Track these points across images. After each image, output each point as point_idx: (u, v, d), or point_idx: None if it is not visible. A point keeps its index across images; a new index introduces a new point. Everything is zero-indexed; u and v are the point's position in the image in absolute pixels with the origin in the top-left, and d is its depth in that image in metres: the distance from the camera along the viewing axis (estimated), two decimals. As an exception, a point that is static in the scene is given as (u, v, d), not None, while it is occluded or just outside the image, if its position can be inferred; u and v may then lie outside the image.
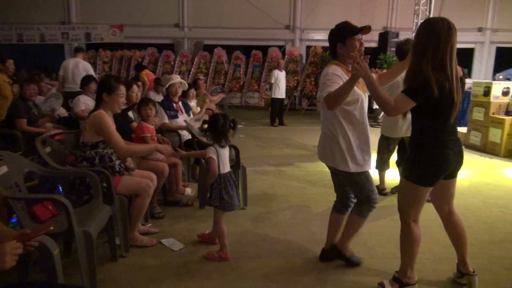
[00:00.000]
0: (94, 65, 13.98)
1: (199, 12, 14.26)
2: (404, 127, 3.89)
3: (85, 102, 4.62)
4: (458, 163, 2.26)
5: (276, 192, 4.31)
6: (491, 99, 6.56)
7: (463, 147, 2.30)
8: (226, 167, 2.75)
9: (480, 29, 14.51)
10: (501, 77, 11.74)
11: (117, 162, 2.89)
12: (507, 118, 6.26)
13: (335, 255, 2.71)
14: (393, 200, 3.89)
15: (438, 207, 2.43)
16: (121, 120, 3.53)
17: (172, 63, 13.80)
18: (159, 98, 5.60)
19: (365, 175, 2.47)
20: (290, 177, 4.94)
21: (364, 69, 2.07)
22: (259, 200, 4.03)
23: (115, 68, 13.91)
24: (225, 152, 2.77)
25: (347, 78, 2.27)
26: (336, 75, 2.34)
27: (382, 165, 4.27)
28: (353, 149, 2.41)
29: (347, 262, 2.68)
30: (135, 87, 4.06)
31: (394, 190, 4.16)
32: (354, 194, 2.62)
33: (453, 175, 2.31)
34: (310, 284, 2.46)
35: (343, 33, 2.42)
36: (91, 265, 2.23)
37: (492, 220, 3.55)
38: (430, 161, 2.17)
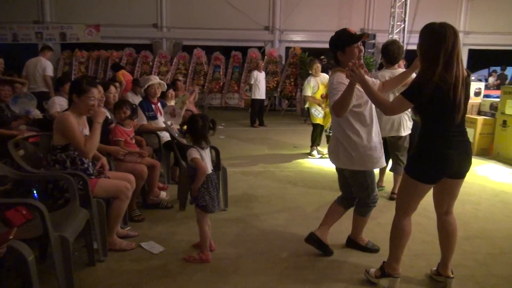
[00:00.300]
0: (70, 65, 13.67)
1: (178, 12, 14.13)
2: (387, 127, 3.90)
3: (61, 104, 4.50)
4: (463, 164, 2.28)
5: (256, 193, 4.32)
6: (464, 100, 6.77)
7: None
8: (208, 168, 2.73)
9: (453, 32, 14.94)
10: (473, 78, 12.13)
11: (90, 164, 2.84)
12: (479, 118, 6.48)
13: (317, 244, 2.82)
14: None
15: (437, 204, 2.46)
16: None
17: (151, 63, 13.62)
18: (137, 99, 5.52)
19: (368, 174, 2.64)
20: (270, 178, 4.96)
21: (358, 75, 2.20)
22: (240, 201, 4.03)
23: (92, 68, 13.61)
24: (206, 154, 2.75)
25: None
26: (341, 83, 2.47)
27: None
28: (360, 148, 2.56)
29: (365, 250, 2.89)
30: (112, 88, 3.99)
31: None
32: (354, 192, 2.76)
33: (459, 175, 2.32)
34: (292, 284, 2.47)
35: (342, 42, 2.56)
36: (68, 271, 2.17)
37: (465, 217, 3.66)
38: (431, 160, 2.23)
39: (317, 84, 6.09)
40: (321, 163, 5.86)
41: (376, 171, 2.91)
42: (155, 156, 4.22)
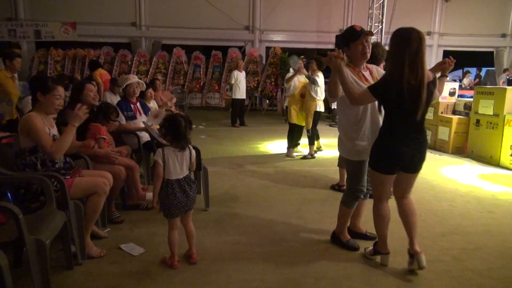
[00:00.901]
0: (45, 64, 13.30)
1: (157, 11, 13.95)
2: None
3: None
4: (415, 159, 2.50)
5: (238, 192, 4.31)
6: (439, 99, 6.95)
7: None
8: (177, 172, 2.57)
9: (429, 33, 15.33)
10: (447, 78, 12.47)
11: (62, 165, 2.76)
12: (454, 117, 6.66)
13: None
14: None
15: (394, 191, 2.71)
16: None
17: (130, 63, 13.41)
18: (115, 99, 5.43)
19: (352, 163, 2.82)
20: (252, 177, 4.96)
21: (334, 63, 2.43)
22: (221, 201, 4.02)
23: (68, 67, 13.29)
24: (181, 156, 2.59)
25: (355, 77, 2.68)
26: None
27: (342, 162, 4.38)
28: (348, 137, 2.78)
29: (344, 247, 2.95)
30: (90, 86, 3.88)
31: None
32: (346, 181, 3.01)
33: (411, 170, 2.56)
34: (274, 284, 2.48)
35: (347, 38, 2.75)
36: (44, 275, 2.11)
37: (442, 213, 3.76)
38: (387, 153, 2.49)
39: (297, 80, 6.14)
40: (302, 162, 5.90)
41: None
42: (134, 156, 4.16)
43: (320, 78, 5.89)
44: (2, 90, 4.77)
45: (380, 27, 12.32)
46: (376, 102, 2.56)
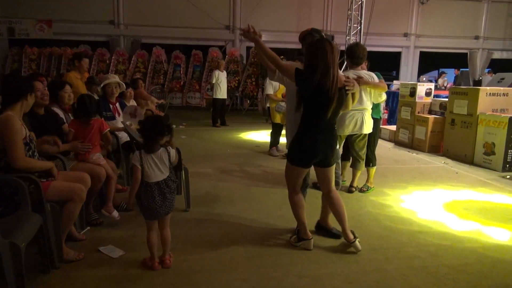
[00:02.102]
0: (19, 63, 12.90)
1: (136, 9, 13.74)
2: (350, 126, 4.00)
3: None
4: (327, 153, 2.80)
5: (219, 193, 4.30)
6: (416, 99, 7.12)
7: (333, 139, 2.85)
8: (156, 175, 2.52)
9: (405, 35, 15.68)
10: (424, 79, 12.80)
11: None
12: (430, 116, 6.84)
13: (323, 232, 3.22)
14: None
15: (321, 187, 3.02)
16: (49, 121, 3.29)
17: (108, 61, 13.16)
18: (93, 98, 5.31)
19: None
20: (233, 177, 4.95)
21: (248, 36, 2.74)
22: (203, 201, 3.99)
23: (44, 66, 12.93)
24: (156, 159, 2.52)
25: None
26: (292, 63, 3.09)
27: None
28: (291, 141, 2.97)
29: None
30: (67, 87, 3.79)
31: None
32: None
33: (324, 164, 2.86)
34: (256, 284, 2.48)
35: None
36: (20, 280, 2.06)
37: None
38: (300, 146, 2.79)
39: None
40: (283, 161, 5.92)
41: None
42: (113, 157, 4.08)
43: (272, 82, 5.90)
44: (74, 92, 4.56)
45: (359, 28, 12.51)
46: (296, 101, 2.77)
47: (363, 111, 4.00)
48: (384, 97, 4.24)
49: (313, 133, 2.73)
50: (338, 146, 4.38)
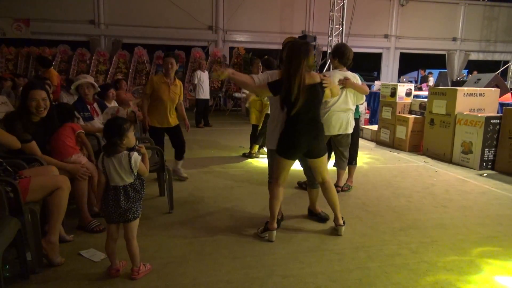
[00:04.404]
0: (-5, 62, 12.55)
1: (117, 8, 13.55)
2: (337, 126, 4.03)
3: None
4: (312, 145, 3.01)
5: (202, 194, 4.28)
6: (397, 100, 7.26)
7: (323, 133, 3.13)
8: (114, 179, 2.39)
9: (386, 36, 15.96)
10: (404, 79, 13.04)
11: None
12: (411, 116, 6.97)
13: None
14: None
15: (316, 178, 3.25)
16: (44, 128, 3.19)
17: (88, 62, 12.93)
18: (72, 99, 5.21)
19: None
20: (217, 178, 4.94)
21: (222, 74, 2.95)
22: (186, 203, 3.97)
23: (21, 66, 12.60)
24: (117, 162, 2.38)
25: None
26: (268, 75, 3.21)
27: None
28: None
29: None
30: (47, 88, 3.70)
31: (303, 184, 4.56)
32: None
33: (312, 155, 3.08)
34: (240, 285, 2.48)
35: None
36: (-3, 286, 2.00)
37: (400, 209, 3.92)
38: (287, 140, 2.99)
39: None
40: (266, 162, 5.93)
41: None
42: (94, 159, 4.01)
43: (272, 77, 5.89)
44: (155, 95, 4.42)
45: (341, 29, 12.65)
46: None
47: (348, 112, 4.07)
48: (363, 98, 4.33)
49: (296, 128, 2.95)
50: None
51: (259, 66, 6.21)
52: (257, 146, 6.24)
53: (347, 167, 4.43)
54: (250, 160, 6.08)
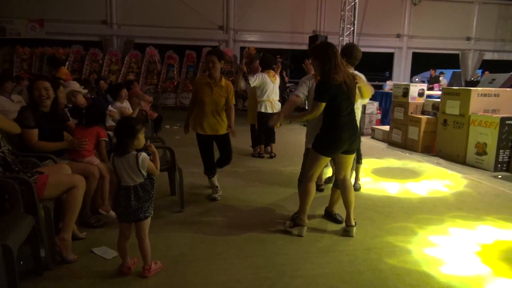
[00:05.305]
0: (10, 62, 12.76)
1: (129, 9, 13.67)
2: None
3: (1, 103, 4.21)
4: (352, 141, 3.02)
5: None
6: (409, 100, 7.17)
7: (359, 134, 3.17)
8: (125, 179, 2.41)
9: (398, 35, 15.79)
10: (417, 79, 12.87)
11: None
12: (423, 117, 6.89)
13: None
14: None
15: (337, 173, 3.24)
16: (53, 118, 3.29)
17: (101, 62, 13.07)
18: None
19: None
20: (227, 177, 4.94)
21: (280, 121, 3.34)
22: (197, 202, 3.99)
23: (36, 66, 12.80)
24: (126, 162, 2.40)
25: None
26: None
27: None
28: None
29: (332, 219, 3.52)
30: (62, 88, 3.77)
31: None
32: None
33: (349, 151, 3.09)
34: (250, 284, 2.48)
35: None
36: (12, 282, 2.03)
37: (413, 210, 3.87)
38: (329, 137, 3.00)
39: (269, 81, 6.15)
40: (274, 161, 5.93)
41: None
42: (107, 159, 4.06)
43: (258, 77, 5.80)
44: (198, 99, 3.94)
45: (352, 28, 12.57)
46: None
47: (356, 111, 4.04)
48: (367, 100, 4.32)
49: (340, 126, 2.96)
50: None
51: (256, 67, 6.13)
52: (262, 146, 6.24)
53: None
54: (259, 159, 6.07)
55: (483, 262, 2.80)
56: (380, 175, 5.20)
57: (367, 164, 5.37)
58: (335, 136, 2.97)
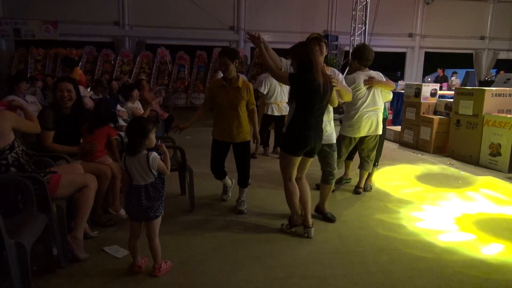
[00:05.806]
0: (25, 63, 12.99)
1: (141, 10, 13.80)
2: (367, 127, 3.95)
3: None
4: (316, 144, 3.02)
5: (223, 193, 4.30)
6: (421, 100, 7.08)
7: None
8: (136, 179, 2.44)
9: (410, 35, 15.62)
10: (429, 79, 12.71)
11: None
12: (435, 117, 6.80)
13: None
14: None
15: (298, 173, 3.17)
16: (73, 121, 3.33)
17: (113, 62, 13.22)
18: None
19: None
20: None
21: (254, 42, 3.10)
22: (207, 202, 4.00)
23: (50, 67, 13.00)
24: (137, 162, 2.42)
25: None
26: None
27: (339, 164, 4.20)
28: None
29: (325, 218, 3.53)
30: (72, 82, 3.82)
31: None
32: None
33: (311, 154, 3.09)
34: (260, 285, 2.48)
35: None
36: (25, 279, 2.07)
37: (424, 212, 3.83)
38: (295, 137, 2.98)
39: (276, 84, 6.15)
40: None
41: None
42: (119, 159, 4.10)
43: (267, 84, 5.86)
44: (215, 103, 3.70)
45: (364, 28, 12.48)
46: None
47: (377, 111, 3.98)
48: (391, 95, 4.26)
49: (306, 125, 2.95)
50: (346, 146, 4.29)
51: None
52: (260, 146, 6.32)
53: (371, 169, 4.34)
54: (270, 160, 6.06)
55: None
56: (391, 176, 5.13)
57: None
58: (301, 134, 2.95)
